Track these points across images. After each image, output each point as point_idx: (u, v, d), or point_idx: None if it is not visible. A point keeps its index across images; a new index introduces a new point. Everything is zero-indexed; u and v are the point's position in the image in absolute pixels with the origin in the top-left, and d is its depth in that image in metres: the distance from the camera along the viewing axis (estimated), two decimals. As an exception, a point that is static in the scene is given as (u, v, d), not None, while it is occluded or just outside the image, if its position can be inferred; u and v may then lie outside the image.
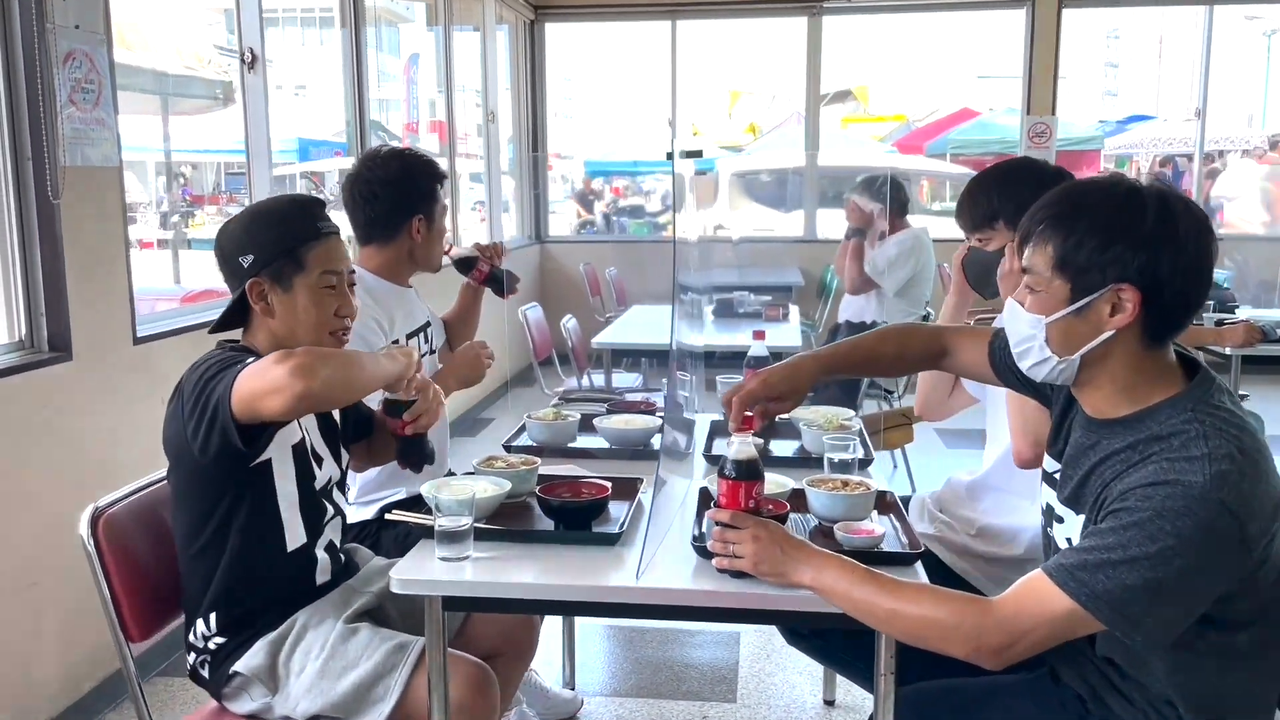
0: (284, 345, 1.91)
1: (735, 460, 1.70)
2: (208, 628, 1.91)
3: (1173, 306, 1.43)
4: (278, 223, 1.94)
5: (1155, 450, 1.42)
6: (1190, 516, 1.34)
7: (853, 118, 20.05)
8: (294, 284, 1.91)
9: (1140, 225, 1.40)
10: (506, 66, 8.11)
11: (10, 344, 2.77)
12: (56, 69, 2.73)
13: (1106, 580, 1.37)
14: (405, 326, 2.59)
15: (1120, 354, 1.46)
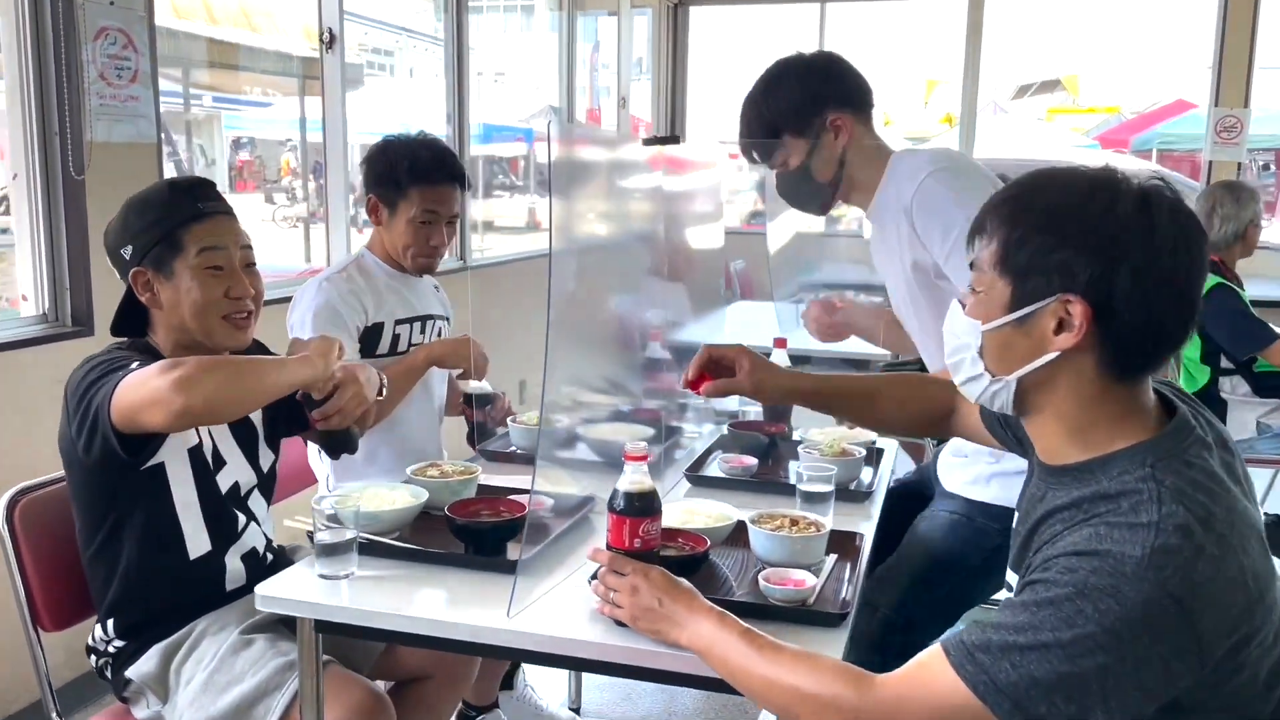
0: (179, 336, 1.82)
1: (626, 492, 1.48)
2: (105, 632, 1.83)
3: (1136, 332, 1.14)
4: (152, 208, 1.81)
5: (1100, 511, 1.13)
6: (1116, 598, 1.05)
7: (1059, 109, 18.91)
8: (174, 268, 1.78)
9: (1102, 227, 1.13)
10: (647, 52, 7.96)
11: (34, 317, 2.81)
12: (86, 45, 2.73)
13: (1011, 670, 1.08)
14: (398, 313, 2.48)
15: (1071, 385, 1.19)
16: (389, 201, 2.41)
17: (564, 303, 1.60)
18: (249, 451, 1.93)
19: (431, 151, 2.39)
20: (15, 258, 2.88)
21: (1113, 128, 17.15)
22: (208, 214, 1.81)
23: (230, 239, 1.82)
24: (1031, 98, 19.03)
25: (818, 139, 2.04)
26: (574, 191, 1.69)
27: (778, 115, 2.05)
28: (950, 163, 1.98)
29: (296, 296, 2.43)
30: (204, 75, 7.50)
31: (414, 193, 2.38)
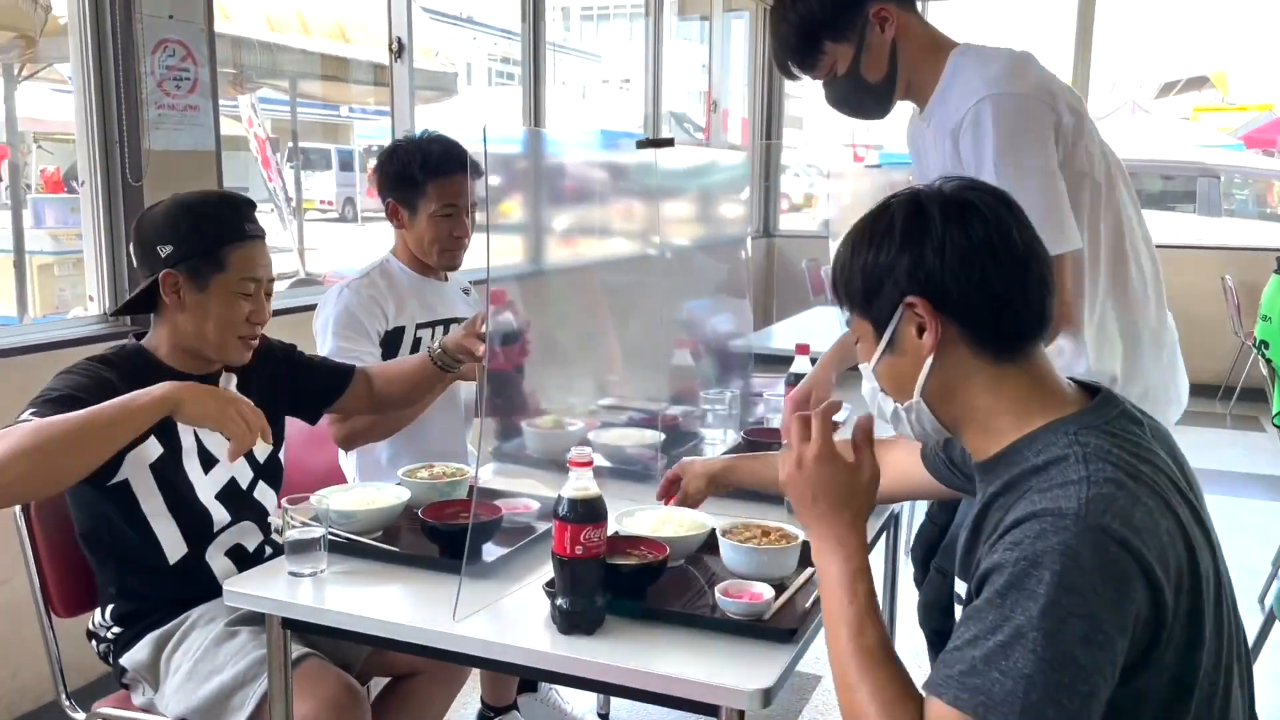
0: (185, 341, 1.88)
1: (570, 499, 1.45)
2: (104, 617, 1.91)
3: (976, 304, 1.19)
4: (204, 219, 1.87)
5: (1030, 485, 1.14)
6: (1066, 554, 1.04)
7: (1206, 107, 18.04)
8: (210, 284, 1.84)
9: (891, 231, 1.22)
10: (744, 54, 7.91)
11: (97, 316, 2.96)
12: (144, 57, 2.86)
13: (1002, 677, 1.03)
14: (419, 317, 2.51)
15: (963, 381, 1.22)
16: (407, 201, 2.45)
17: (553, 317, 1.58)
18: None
19: (441, 145, 2.42)
20: (85, 260, 3.04)
21: (1260, 126, 16.22)
22: (251, 236, 1.88)
23: (265, 269, 1.90)
24: (1177, 96, 18.17)
25: (863, 37, 1.89)
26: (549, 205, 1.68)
27: (812, 21, 1.89)
28: (1012, 86, 1.77)
29: (320, 304, 2.48)
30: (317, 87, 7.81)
31: (430, 188, 2.40)
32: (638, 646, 1.45)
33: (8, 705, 2.70)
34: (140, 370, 1.85)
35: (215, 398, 1.65)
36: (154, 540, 1.86)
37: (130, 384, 1.79)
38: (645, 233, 2.34)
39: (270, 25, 5.35)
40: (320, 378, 2.17)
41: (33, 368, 2.69)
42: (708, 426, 2.54)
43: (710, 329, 2.66)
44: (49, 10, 4.00)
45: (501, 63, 23.72)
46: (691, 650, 1.44)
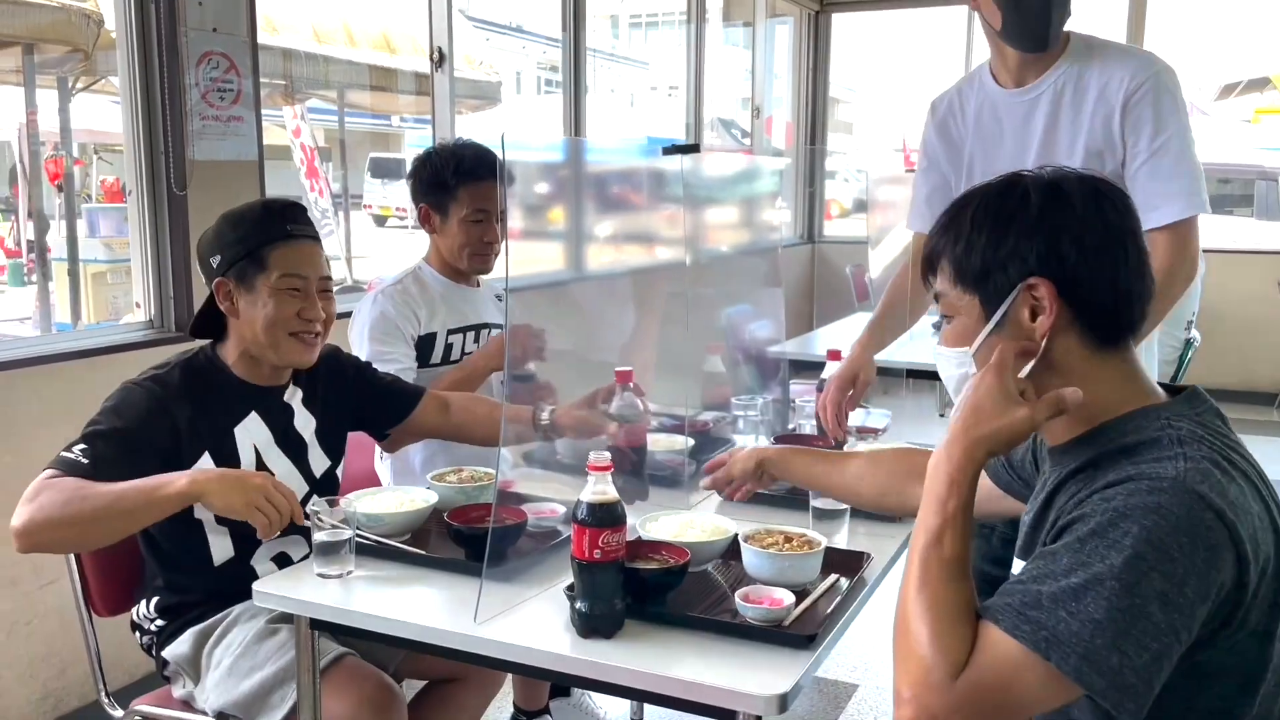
0: (248, 348, 1.93)
1: (589, 503, 1.46)
2: (147, 609, 1.95)
3: (1100, 292, 1.18)
4: (245, 224, 1.93)
5: (1120, 461, 1.14)
6: (1158, 513, 1.04)
7: (1268, 109, 17.64)
8: (256, 284, 1.90)
9: (1028, 211, 1.19)
10: (788, 59, 7.89)
11: (143, 323, 3.03)
12: (189, 69, 2.93)
13: (1069, 618, 1.03)
14: (450, 323, 2.54)
15: (1067, 364, 1.20)
16: (440, 206, 2.48)
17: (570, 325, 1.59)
18: (299, 461, 2.00)
19: (473, 151, 2.46)
20: (133, 267, 3.11)
21: (1327, 127, 15.80)
22: (295, 237, 1.92)
23: (311, 267, 1.94)
24: (1238, 98, 17.76)
25: None
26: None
27: None
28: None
29: (355, 311, 2.52)
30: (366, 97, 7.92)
31: (463, 193, 2.44)
32: (657, 651, 1.45)
33: (54, 703, 2.77)
34: (207, 379, 1.92)
35: (242, 489, 1.68)
36: (204, 543, 1.91)
37: (193, 398, 1.87)
38: (678, 239, 2.35)
39: (317, 37, 5.44)
40: (389, 398, 2.19)
41: (84, 373, 2.77)
42: (739, 433, 2.54)
43: (744, 335, 2.66)
44: (101, 24, 4.10)
45: (550, 71, 23.85)
46: (711, 655, 1.44)
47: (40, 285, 5.09)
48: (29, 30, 3.97)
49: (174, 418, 1.85)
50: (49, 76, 4.96)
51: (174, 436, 1.85)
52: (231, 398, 1.94)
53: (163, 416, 1.84)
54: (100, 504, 1.66)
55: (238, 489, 1.68)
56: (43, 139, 5.73)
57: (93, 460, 1.72)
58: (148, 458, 1.80)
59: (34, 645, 2.69)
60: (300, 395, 2.04)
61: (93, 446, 1.74)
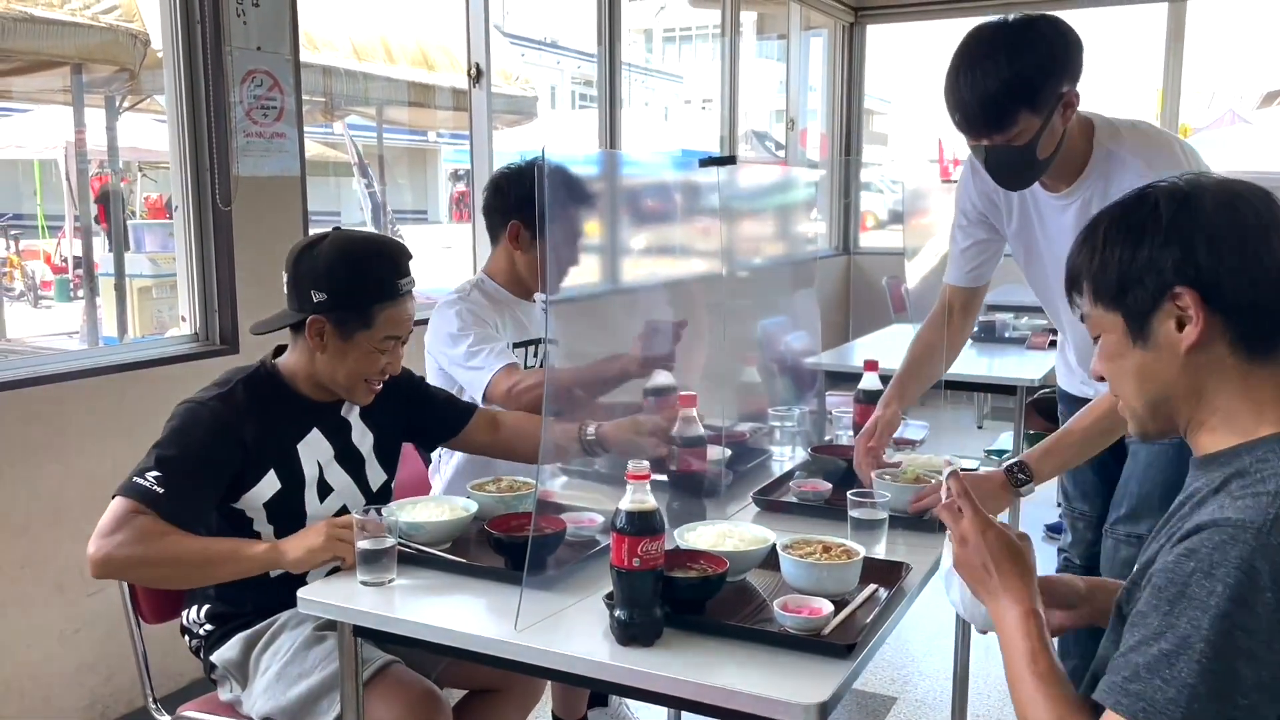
0: (317, 379, 1.95)
1: (628, 512, 1.47)
2: (197, 615, 1.99)
3: (1244, 297, 1.16)
4: (362, 274, 1.89)
5: (1231, 486, 1.13)
6: (1243, 568, 1.03)
7: (1311, 117, 17.39)
8: (356, 337, 1.89)
9: (1159, 219, 1.18)
10: (822, 71, 7.89)
11: (188, 336, 3.08)
12: (234, 87, 2.99)
13: (1165, 685, 1.04)
14: (515, 335, 2.55)
15: (1217, 377, 1.19)
16: (533, 225, 2.45)
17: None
18: (357, 475, 2.03)
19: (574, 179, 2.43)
20: (178, 282, 3.18)
21: (1371, 134, 15.56)
22: (402, 294, 1.92)
23: (409, 326, 1.95)
24: (1281, 105, 17.54)
25: (1050, 115, 1.86)
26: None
27: (1021, 85, 1.82)
28: None
29: (433, 322, 2.50)
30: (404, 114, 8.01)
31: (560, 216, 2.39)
32: (695, 659, 1.46)
33: (102, 710, 2.82)
34: (270, 396, 1.94)
35: (313, 551, 1.78)
36: None
37: (258, 414, 1.90)
38: (714, 251, 2.36)
39: (356, 54, 5.52)
40: (441, 412, 2.21)
41: (130, 386, 2.82)
42: (775, 443, 2.54)
43: (781, 346, 2.66)
44: (148, 44, 4.19)
45: (585, 85, 24.00)
46: (749, 664, 1.44)
47: (88, 300, 5.20)
48: (77, 50, 4.07)
49: (241, 436, 1.87)
50: (96, 96, 5.08)
51: (242, 455, 1.87)
52: (295, 414, 1.96)
53: (229, 436, 1.86)
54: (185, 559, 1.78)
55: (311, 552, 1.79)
56: (90, 157, 5.85)
57: (166, 489, 1.76)
58: (218, 479, 1.85)
59: (82, 652, 2.75)
60: (357, 410, 2.06)
61: (165, 473, 1.77)
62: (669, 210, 2.14)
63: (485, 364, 2.37)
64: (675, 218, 2.19)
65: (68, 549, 2.67)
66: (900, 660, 3.30)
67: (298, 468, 1.94)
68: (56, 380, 2.71)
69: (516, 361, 2.43)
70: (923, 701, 3.11)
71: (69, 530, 2.66)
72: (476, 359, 2.38)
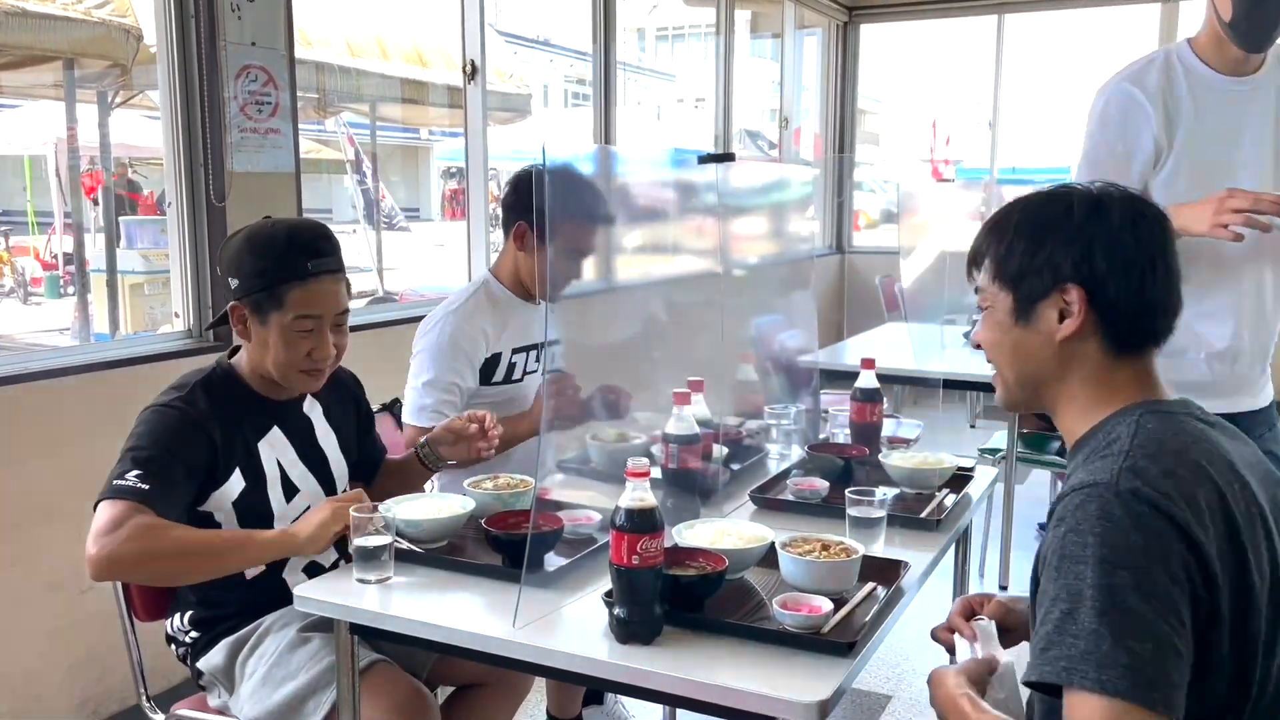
0: (258, 370, 1.94)
1: (627, 509, 1.47)
2: (181, 622, 1.97)
3: (1125, 303, 1.27)
4: (267, 256, 1.88)
5: (1089, 455, 1.24)
6: (1103, 517, 1.12)
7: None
8: (270, 319, 1.88)
9: (1068, 222, 1.29)
10: (817, 71, 7.90)
11: (182, 332, 3.07)
12: (228, 82, 2.97)
13: (1075, 640, 1.08)
14: (515, 341, 2.54)
15: (1080, 370, 1.31)
16: (542, 230, 2.43)
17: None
18: (320, 474, 2.03)
19: (593, 191, 2.36)
20: (172, 278, 3.16)
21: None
22: (315, 275, 1.88)
23: (328, 305, 1.90)
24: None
25: None
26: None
27: None
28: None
29: (424, 325, 2.50)
30: (397, 110, 7.99)
31: (569, 226, 2.34)
32: (695, 657, 1.45)
33: (94, 709, 2.80)
34: (228, 395, 1.93)
35: (325, 525, 1.77)
36: None
37: (220, 411, 1.89)
38: (711, 249, 2.36)
39: (351, 50, 5.50)
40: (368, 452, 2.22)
41: (124, 381, 2.81)
42: (772, 441, 2.54)
43: (777, 345, 2.66)
44: (141, 39, 4.16)
45: (577, 84, 23.96)
46: (749, 662, 1.44)
47: (79, 296, 5.17)
48: (70, 45, 4.04)
49: (210, 434, 1.86)
50: (88, 91, 5.04)
51: (211, 454, 1.86)
52: (254, 412, 1.95)
53: (200, 434, 1.85)
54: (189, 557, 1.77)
55: (324, 531, 1.77)
56: (81, 153, 5.82)
57: (152, 486, 1.74)
58: (193, 477, 1.83)
59: (75, 650, 2.73)
60: (320, 410, 2.06)
61: (146, 472, 1.75)
62: (669, 208, 2.14)
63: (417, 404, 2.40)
64: (675, 215, 2.18)
65: (60, 546, 2.65)
66: (894, 658, 3.30)
67: (259, 466, 1.93)
68: (49, 376, 2.69)
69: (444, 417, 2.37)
70: (918, 700, 3.11)
71: (61, 528, 2.64)
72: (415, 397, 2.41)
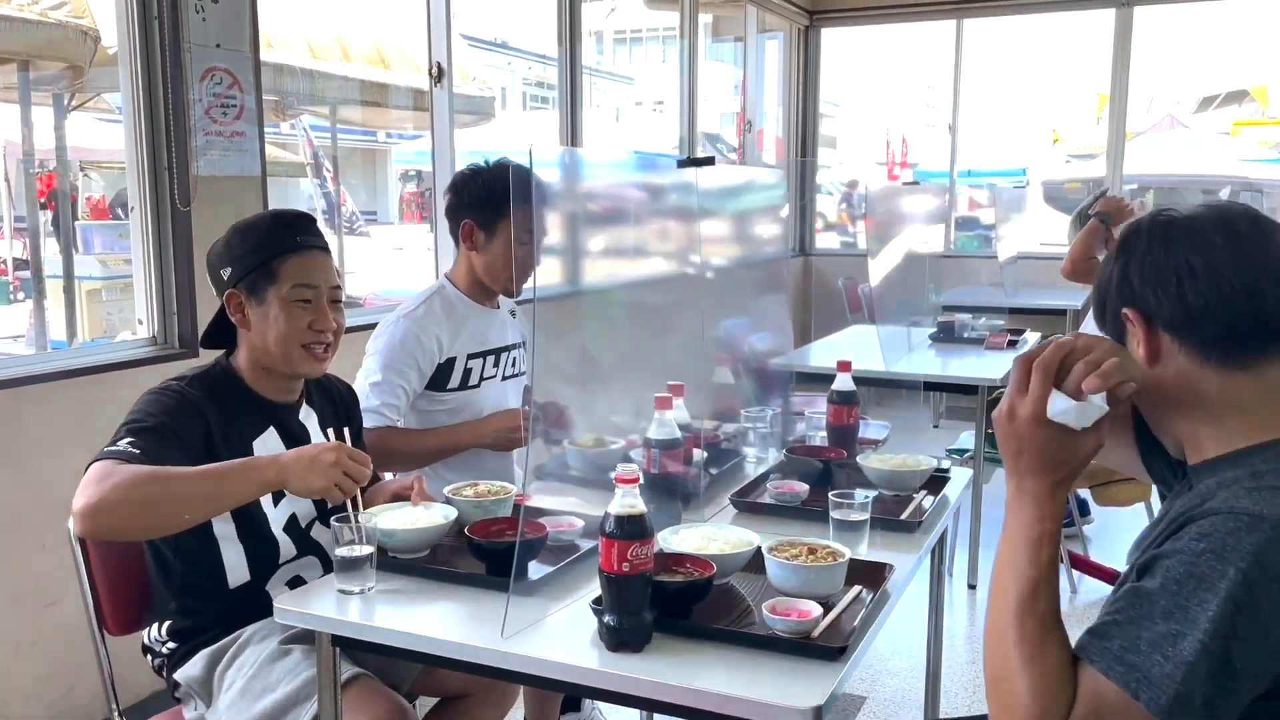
0: (259, 358, 1.93)
1: (616, 516, 1.46)
2: (159, 632, 1.94)
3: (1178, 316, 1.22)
4: (255, 235, 1.95)
5: (1241, 484, 1.13)
6: (1256, 557, 1.04)
7: (1247, 121, 17.79)
8: (267, 295, 1.91)
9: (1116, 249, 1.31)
10: (778, 74, 7.93)
11: (146, 339, 3.01)
12: (193, 85, 2.92)
13: (1164, 661, 1.04)
14: (471, 346, 2.53)
15: (1188, 387, 1.23)
16: (486, 224, 2.46)
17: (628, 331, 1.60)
18: None
19: (524, 174, 2.41)
20: (135, 284, 3.10)
21: (1305, 140, 15.96)
22: (304, 248, 1.93)
23: (322, 276, 1.94)
24: (1216, 110, 17.94)
25: None
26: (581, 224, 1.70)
27: None
28: None
29: (379, 328, 2.51)
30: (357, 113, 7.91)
31: (519, 214, 2.38)
32: (685, 664, 1.44)
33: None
34: (226, 391, 1.92)
35: (321, 472, 1.68)
36: (219, 564, 1.89)
37: (218, 406, 1.87)
38: (684, 252, 2.35)
39: (312, 52, 5.43)
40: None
41: (88, 390, 2.75)
42: (749, 445, 2.54)
43: (750, 347, 2.66)
44: (98, 41, 4.09)
45: (536, 87, 23.96)
46: (739, 668, 1.43)
47: (36, 303, 5.06)
48: (26, 47, 3.96)
49: (206, 420, 1.85)
50: (43, 94, 4.94)
51: (207, 438, 1.85)
52: (251, 410, 1.95)
53: (197, 416, 1.84)
54: (180, 485, 1.66)
55: (316, 471, 1.68)
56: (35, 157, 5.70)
57: (143, 451, 1.70)
58: (187, 452, 1.79)
59: (39, 665, 2.67)
60: (315, 418, 2.04)
61: (140, 439, 1.73)
62: (646, 210, 2.13)
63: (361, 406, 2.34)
64: (650, 218, 2.18)
65: (25, 559, 2.59)
66: (871, 658, 3.31)
67: None
68: (9, 386, 2.63)
69: (395, 423, 2.42)
70: (892, 700, 3.13)
71: (25, 541, 2.58)
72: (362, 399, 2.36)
